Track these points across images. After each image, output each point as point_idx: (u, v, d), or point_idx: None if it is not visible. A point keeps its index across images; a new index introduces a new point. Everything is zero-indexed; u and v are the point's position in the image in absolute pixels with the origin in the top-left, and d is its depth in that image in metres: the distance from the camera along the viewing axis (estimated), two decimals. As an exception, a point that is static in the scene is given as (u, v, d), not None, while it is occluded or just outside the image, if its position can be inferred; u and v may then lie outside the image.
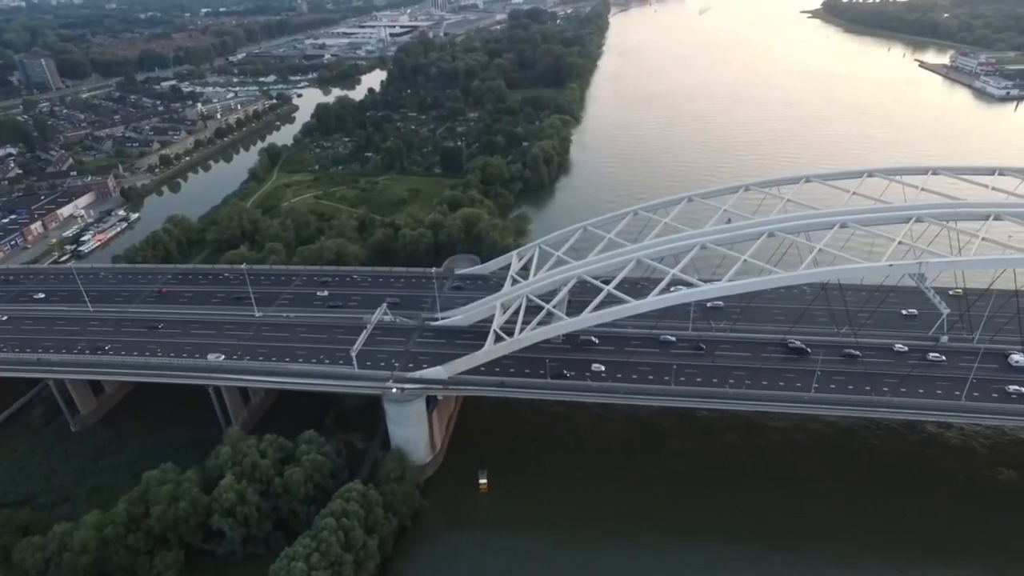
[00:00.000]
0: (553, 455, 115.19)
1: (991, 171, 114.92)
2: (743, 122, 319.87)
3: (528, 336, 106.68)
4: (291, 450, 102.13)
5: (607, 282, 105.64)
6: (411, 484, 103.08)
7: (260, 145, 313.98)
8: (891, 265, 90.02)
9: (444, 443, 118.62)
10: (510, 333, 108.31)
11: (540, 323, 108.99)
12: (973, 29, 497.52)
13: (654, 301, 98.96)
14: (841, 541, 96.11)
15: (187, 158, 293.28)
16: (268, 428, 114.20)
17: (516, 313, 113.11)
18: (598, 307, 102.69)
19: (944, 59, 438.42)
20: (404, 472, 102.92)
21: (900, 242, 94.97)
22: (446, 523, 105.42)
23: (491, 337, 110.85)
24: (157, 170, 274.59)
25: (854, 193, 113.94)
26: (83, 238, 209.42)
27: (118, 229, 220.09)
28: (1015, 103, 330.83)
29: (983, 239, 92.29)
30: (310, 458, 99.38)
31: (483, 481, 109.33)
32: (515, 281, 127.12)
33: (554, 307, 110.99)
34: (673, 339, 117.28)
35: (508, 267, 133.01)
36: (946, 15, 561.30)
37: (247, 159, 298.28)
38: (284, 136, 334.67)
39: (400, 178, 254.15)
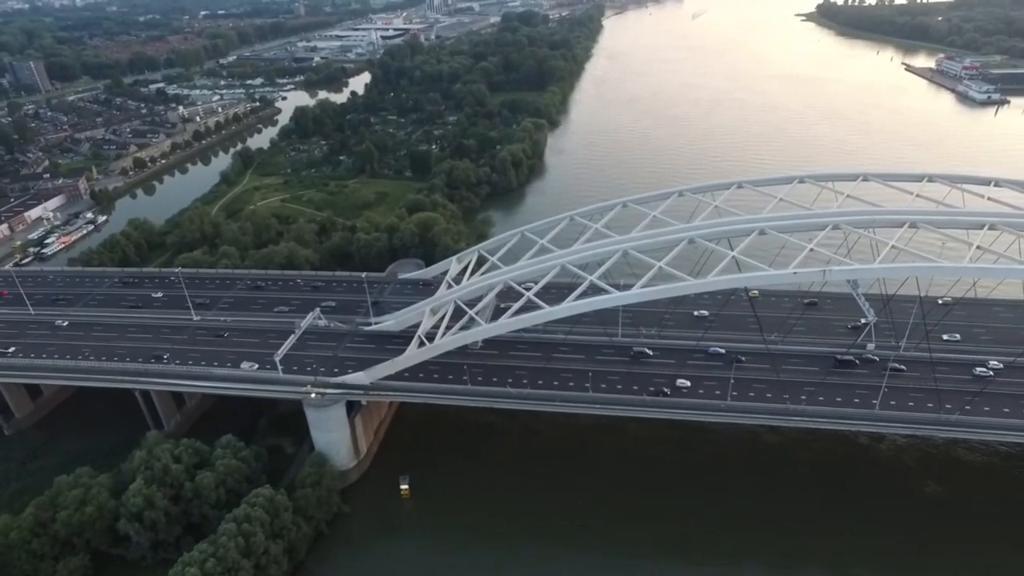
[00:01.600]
0: (481, 464, 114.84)
1: (919, 178, 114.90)
2: (720, 126, 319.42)
3: (448, 341, 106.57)
4: (207, 454, 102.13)
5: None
6: (328, 489, 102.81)
7: (240, 147, 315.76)
8: (795, 272, 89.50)
9: (372, 448, 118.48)
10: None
11: (462, 328, 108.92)
12: (963, 32, 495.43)
13: (567, 307, 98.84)
14: (749, 546, 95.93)
15: (162, 161, 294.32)
16: (202, 432, 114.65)
17: (444, 318, 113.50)
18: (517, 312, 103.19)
19: (931, 63, 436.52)
20: (321, 477, 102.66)
21: (813, 248, 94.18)
22: (364, 529, 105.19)
23: (414, 342, 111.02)
24: (131, 173, 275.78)
25: (781, 199, 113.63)
26: (47, 240, 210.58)
27: (84, 232, 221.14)
28: (995, 107, 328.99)
29: (893, 246, 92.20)
30: (224, 463, 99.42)
31: (404, 487, 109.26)
32: (450, 286, 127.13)
33: (478, 312, 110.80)
34: (650, 352, 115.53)
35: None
36: (940, 18, 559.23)
37: (225, 162, 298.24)
38: (265, 139, 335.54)
39: (370, 181, 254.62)
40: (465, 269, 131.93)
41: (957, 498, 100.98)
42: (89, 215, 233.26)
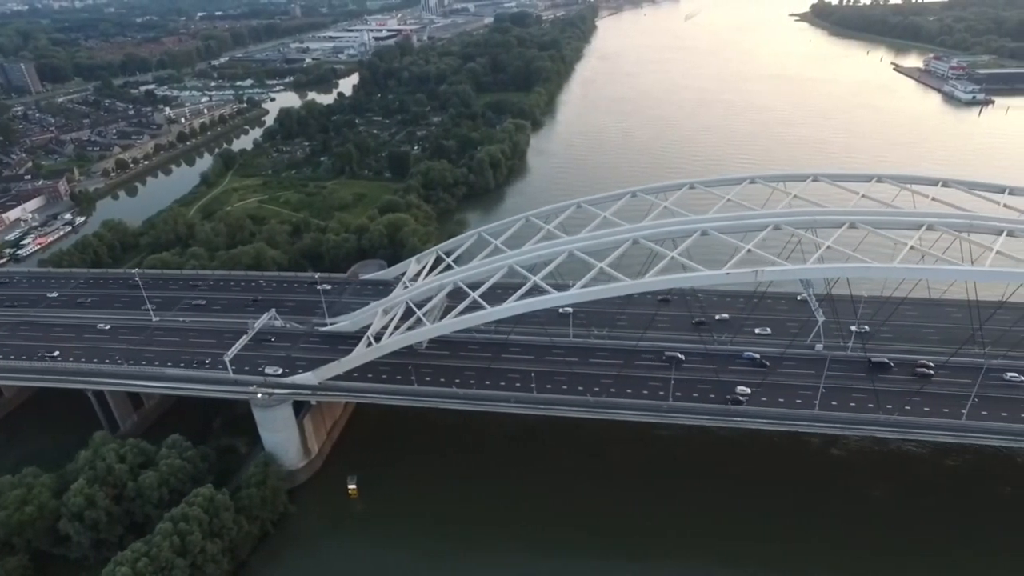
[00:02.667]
0: (435, 464, 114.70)
1: (868, 178, 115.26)
2: (704, 127, 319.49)
3: (393, 341, 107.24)
4: (152, 454, 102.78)
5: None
6: (274, 489, 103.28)
7: (229, 148, 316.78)
8: (728, 273, 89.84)
9: (325, 448, 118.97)
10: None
11: (409, 328, 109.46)
12: (954, 32, 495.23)
13: (508, 308, 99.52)
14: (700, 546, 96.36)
15: (145, 162, 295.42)
16: (160, 433, 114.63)
17: (401, 318, 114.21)
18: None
19: (920, 63, 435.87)
20: (266, 477, 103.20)
21: (752, 249, 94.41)
22: (310, 529, 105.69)
23: (363, 342, 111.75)
24: (113, 174, 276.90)
25: (729, 200, 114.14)
26: (23, 242, 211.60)
27: (61, 233, 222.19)
28: (980, 107, 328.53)
29: (829, 247, 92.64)
30: (168, 462, 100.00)
31: (352, 487, 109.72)
32: (407, 287, 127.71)
33: (426, 313, 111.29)
34: (682, 357, 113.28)
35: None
36: (932, 18, 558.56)
37: (209, 163, 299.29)
38: (251, 140, 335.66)
39: (349, 182, 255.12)
40: (424, 270, 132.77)
41: (906, 498, 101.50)
42: (67, 216, 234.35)
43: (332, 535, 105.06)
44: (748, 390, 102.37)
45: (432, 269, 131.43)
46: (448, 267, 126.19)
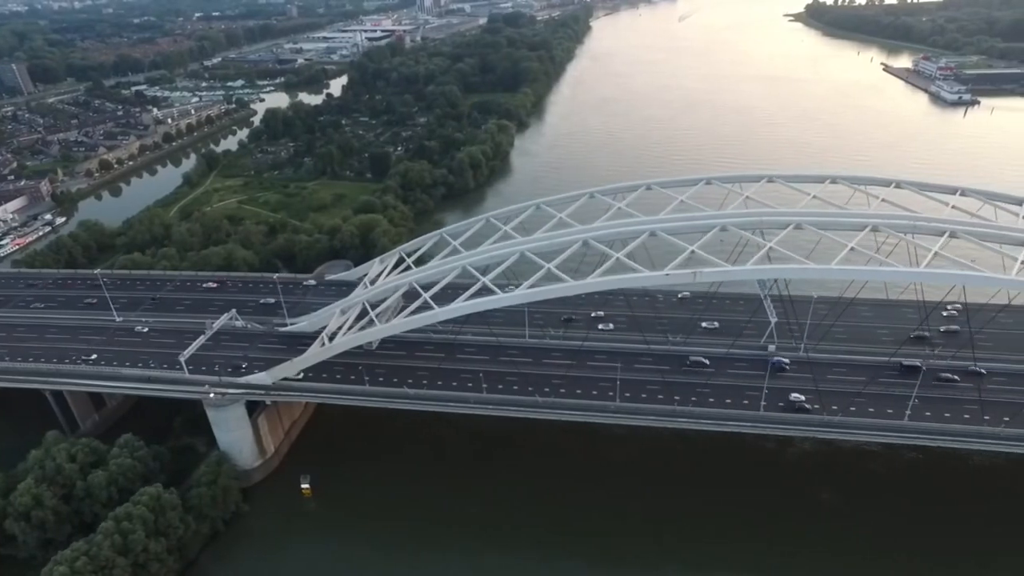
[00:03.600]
0: (393, 465, 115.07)
1: (823, 179, 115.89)
2: (689, 128, 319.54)
3: (344, 341, 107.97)
4: (104, 453, 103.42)
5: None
6: (225, 488, 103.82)
7: (215, 149, 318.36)
8: (668, 274, 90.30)
9: (283, 448, 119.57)
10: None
11: (362, 328, 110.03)
12: (945, 33, 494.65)
13: (455, 308, 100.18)
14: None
15: (130, 163, 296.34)
16: (121, 432, 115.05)
17: (356, 318, 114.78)
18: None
19: (910, 63, 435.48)
20: (217, 476, 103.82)
21: (695, 250, 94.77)
22: (263, 528, 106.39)
23: (317, 342, 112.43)
24: (97, 175, 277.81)
25: (682, 200, 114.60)
26: (2, 242, 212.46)
27: (40, 233, 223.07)
28: (965, 108, 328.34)
29: (772, 247, 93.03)
30: (118, 462, 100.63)
31: (305, 486, 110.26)
32: (367, 287, 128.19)
33: (380, 313, 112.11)
34: (706, 362, 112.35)
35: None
36: (925, 18, 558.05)
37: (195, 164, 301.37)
38: (238, 141, 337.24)
39: (330, 183, 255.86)
40: (385, 270, 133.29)
41: (857, 499, 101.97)
42: (47, 217, 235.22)
43: (284, 534, 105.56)
44: (802, 397, 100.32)
45: (394, 270, 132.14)
46: (408, 268, 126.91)
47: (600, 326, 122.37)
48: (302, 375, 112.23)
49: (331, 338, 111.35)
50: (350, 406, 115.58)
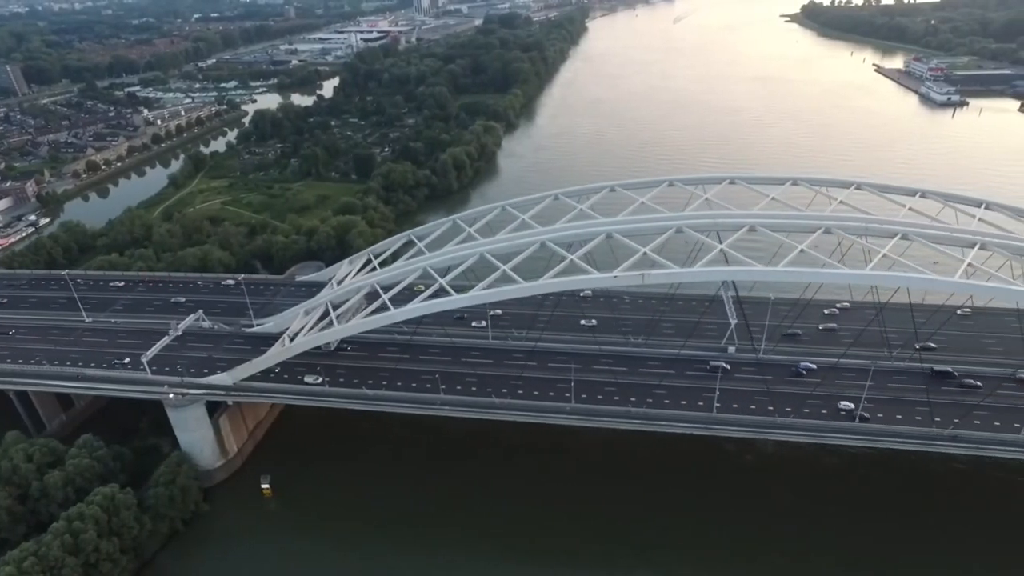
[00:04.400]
0: (357, 466, 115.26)
1: (783, 181, 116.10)
2: (677, 129, 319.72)
3: (302, 342, 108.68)
4: (62, 454, 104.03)
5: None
6: (183, 488, 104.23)
7: (205, 150, 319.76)
8: (616, 276, 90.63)
9: (247, 448, 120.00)
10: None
11: (323, 328, 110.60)
12: (938, 33, 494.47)
13: (410, 310, 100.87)
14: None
15: (118, 164, 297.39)
16: (88, 432, 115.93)
17: (319, 319, 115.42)
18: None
19: (902, 64, 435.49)
20: (176, 475, 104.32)
21: (647, 252, 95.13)
22: (222, 528, 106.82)
23: (278, 343, 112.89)
24: (84, 176, 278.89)
25: (642, 202, 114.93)
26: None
27: (24, 234, 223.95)
28: (953, 109, 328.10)
29: (722, 250, 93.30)
30: (75, 462, 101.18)
31: (265, 487, 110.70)
32: (334, 288, 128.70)
33: (341, 314, 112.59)
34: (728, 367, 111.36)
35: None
36: (920, 19, 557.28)
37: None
38: (229, 142, 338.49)
39: (315, 184, 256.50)
40: (354, 271, 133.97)
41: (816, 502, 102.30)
42: (32, 217, 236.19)
43: (243, 534, 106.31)
44: (852, 405, 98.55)
45: (361, 270, 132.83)
46: (374, 269, 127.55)
47: (582, 322, 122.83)
48: (260, 375, 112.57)
49: (292, 339, 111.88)
50: (314, 407, 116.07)
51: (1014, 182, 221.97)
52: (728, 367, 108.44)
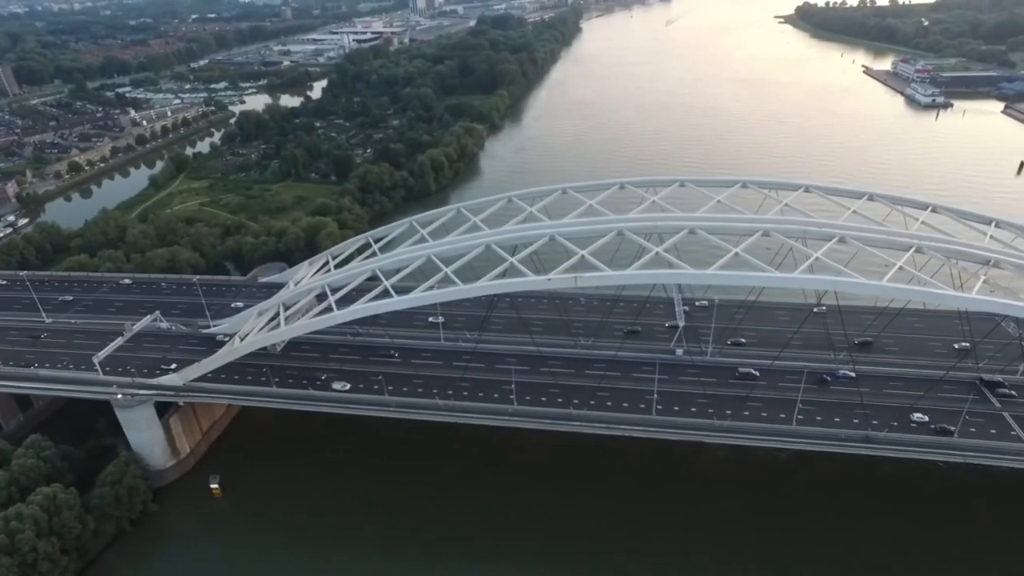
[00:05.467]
0: (309, 466, 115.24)
1: (732, 183, 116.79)
2: (658, 131, 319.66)
3: (249, 343, 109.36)
4: (9, 454, 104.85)
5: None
6: (130, 488, 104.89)
7: (188, 151, 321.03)
8: (550, 279, 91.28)
9: (200, 448, 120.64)
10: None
11: (271, 329, 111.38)
12: (929, 35, 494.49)
13: (352, 311, 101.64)
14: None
15: (101, 164, 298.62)
16: (48, 433, 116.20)
17: (271, 320, 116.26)
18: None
19: (889, 66, 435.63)
20: (122, 475, 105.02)
21: (585, 255, 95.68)
22: (170, 527, 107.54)
23: (228, 344, 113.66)
24: (67, 176, 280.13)
25: (591, 204, 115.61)
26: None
27: (1, 235, 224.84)
28: (937, 111, 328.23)
29: (658, 252, 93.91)
30: (20, 463, 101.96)
31: (215, 486, 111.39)
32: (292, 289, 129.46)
33: (291, 315, 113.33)
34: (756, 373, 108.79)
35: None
36: (912, 21, 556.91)
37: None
38: (216, 143, 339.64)
39: (294, 185, 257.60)
40: (312, 272, 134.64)
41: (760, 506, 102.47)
42: (11, 218, 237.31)
43: (190, 533, 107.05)
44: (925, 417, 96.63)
45: (319, 271, 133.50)
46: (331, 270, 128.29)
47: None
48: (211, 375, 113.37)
49: (243, 340, 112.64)
50: (270, 408, 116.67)
51: (977, 184, 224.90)
52: (758, 374, 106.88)
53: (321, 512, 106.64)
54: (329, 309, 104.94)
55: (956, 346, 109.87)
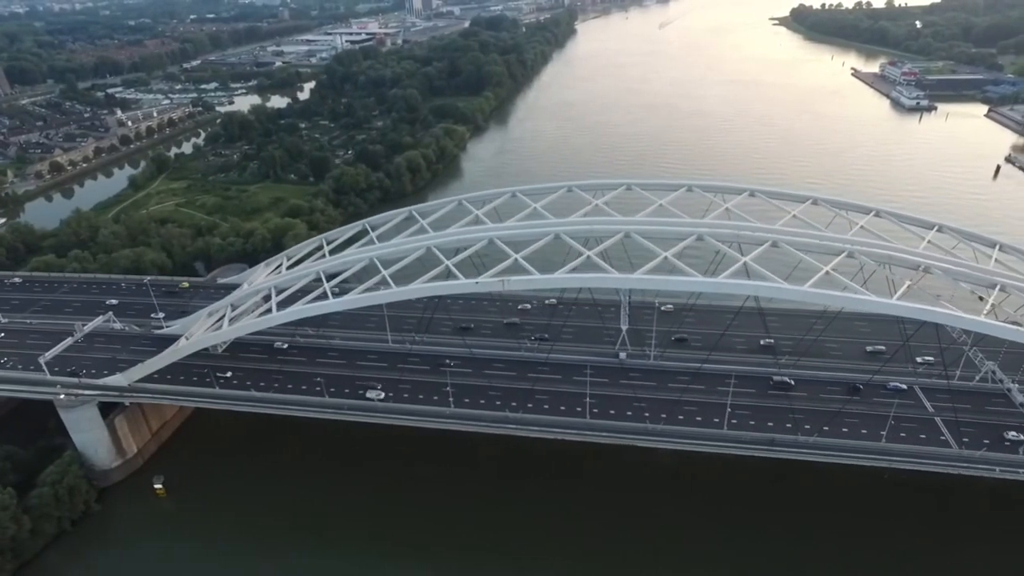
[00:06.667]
0: (257, 467, 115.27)
1: (677, 187, 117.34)
2: (641, 134, 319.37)
3: (192, 343, 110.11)
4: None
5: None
6: (71, 488, 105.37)
7: (173, 152, 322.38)
8: (477, 283, 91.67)
9: (149, 448, 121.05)
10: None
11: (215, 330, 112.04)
12: (920, 37, 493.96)
13: (288, 313, 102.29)
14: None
15: (84, 165, 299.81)
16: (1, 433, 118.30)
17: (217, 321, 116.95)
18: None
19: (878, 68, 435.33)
20: (63, 475, 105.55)
21: (519, 258, 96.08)
22: (112, 528, 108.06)
23: (174, 344, 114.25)
24: (48, 176, 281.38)
25: (535, 207, 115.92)
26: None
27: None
28: (920, 114, 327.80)
29: (590, 256, 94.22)
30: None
31: (158, 487, 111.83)
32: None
33: (235, 315, 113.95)
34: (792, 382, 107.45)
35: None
36: (906, 23, 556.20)
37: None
38: (201, 143, 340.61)
39: (273, 186, 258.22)
40: (267, 273, 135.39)
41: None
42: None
43: (131, 533, 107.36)
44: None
45: (274, 272, 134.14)
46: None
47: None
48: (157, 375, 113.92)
49: (188, 340, 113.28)
50: (219, 409, 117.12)
51: (951, 188, 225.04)
52: (793, 383, 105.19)
53: (267, 512, 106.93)
54: (270, 311, 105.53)
55: (869, 349, 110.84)
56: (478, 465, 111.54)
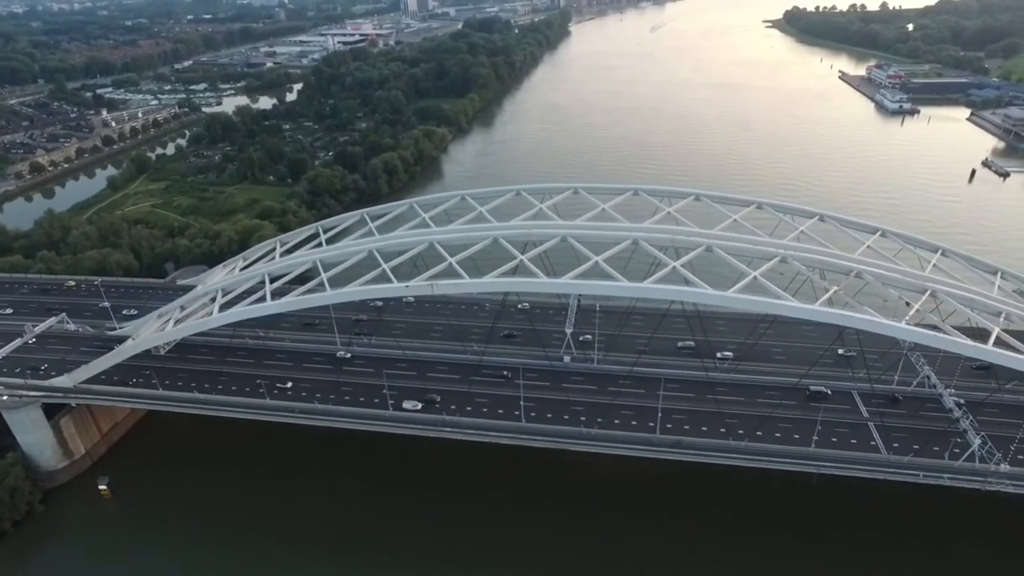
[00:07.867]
0: (208, 469, 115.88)
1: (624, 191, 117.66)
2: (623, 136, 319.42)
3: (137, 343, 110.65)
4: None
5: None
6: (11, 489, 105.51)
7: (157, 153, 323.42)
8: (407, 286, 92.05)
9: (99, 450, 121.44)
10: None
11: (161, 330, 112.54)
12: (908, 41, 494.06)
13: (227, 315, 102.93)
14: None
15: (65, 165, 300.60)
16: None
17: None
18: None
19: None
20: (5, 477, 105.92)
21: (453, 262, 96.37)
22: (55, 529, 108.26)
23: (120, 346, 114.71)
24: (28, 177, 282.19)
25: (481, 211, 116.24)
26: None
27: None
28: (903, 117, 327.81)
29: (522, 260, 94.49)
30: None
31: (103, 487, 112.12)
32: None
33: (183, 316, 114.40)
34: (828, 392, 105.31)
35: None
36: (896, 26, 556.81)
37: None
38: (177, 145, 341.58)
39: (251, 187, 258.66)
40: (223, 275, 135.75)
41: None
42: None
43: (74, 534, 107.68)
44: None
45: (230, 273, 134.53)
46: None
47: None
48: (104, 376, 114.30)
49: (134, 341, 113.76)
50: (177, 411, 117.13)
51: (926, 192, 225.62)
52: (829, 392, 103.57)
53: (217, 512, 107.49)
54: (210, 313, 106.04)
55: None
56: (422, 462, 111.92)
